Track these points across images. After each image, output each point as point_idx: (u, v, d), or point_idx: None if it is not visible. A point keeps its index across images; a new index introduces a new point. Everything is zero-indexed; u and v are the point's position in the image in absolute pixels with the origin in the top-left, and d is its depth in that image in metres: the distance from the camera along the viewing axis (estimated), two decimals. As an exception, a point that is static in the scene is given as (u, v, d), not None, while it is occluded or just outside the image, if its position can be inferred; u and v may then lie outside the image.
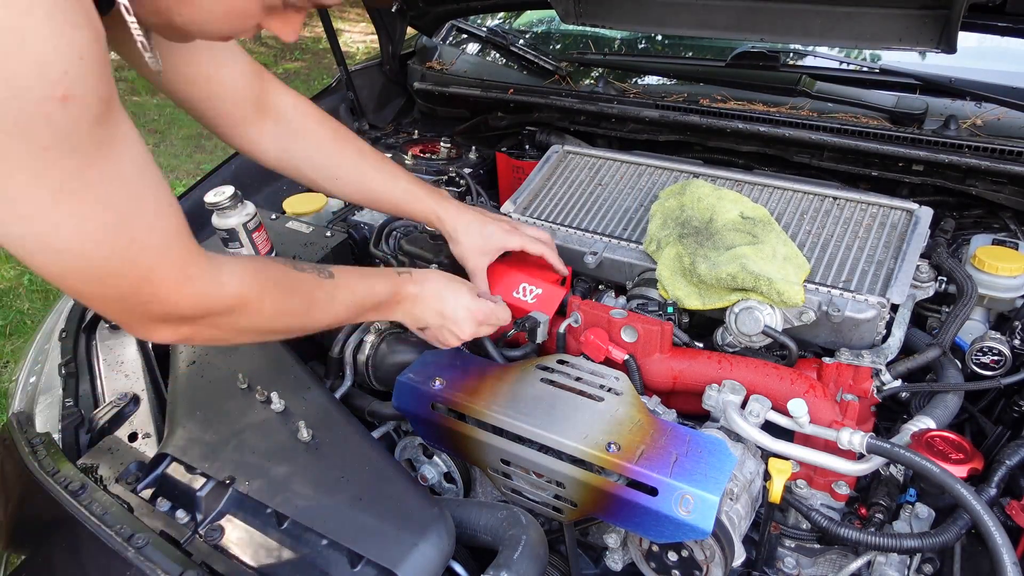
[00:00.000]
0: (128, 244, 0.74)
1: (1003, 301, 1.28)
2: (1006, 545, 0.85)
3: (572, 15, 1.76)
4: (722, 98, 1.76)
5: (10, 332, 3.36)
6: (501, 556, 0.96)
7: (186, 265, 0.81)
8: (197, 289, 0.83)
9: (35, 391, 1.41)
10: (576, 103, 1.81)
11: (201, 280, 0.84)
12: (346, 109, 2.15)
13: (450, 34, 2.35)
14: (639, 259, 1.37)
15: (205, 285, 0.84)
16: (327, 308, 1.03)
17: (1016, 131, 1.49)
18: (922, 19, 1.40)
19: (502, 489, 1.11)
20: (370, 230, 1.66)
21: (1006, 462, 1.01)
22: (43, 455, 1.16)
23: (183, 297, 0.82)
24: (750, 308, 1.18)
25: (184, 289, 0.81)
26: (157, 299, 0.80)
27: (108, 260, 0.73)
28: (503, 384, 1.12)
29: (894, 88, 1.70)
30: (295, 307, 0.98)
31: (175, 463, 1.10)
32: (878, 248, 1.28)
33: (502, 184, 1.96)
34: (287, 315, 0.97)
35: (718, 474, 0.95)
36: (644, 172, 1.58)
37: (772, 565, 1.15)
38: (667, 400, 1.18)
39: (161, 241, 0.77)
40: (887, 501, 1.05)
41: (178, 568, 0.93)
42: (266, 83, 1.22)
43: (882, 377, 1.13)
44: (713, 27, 1.64)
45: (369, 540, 0.95)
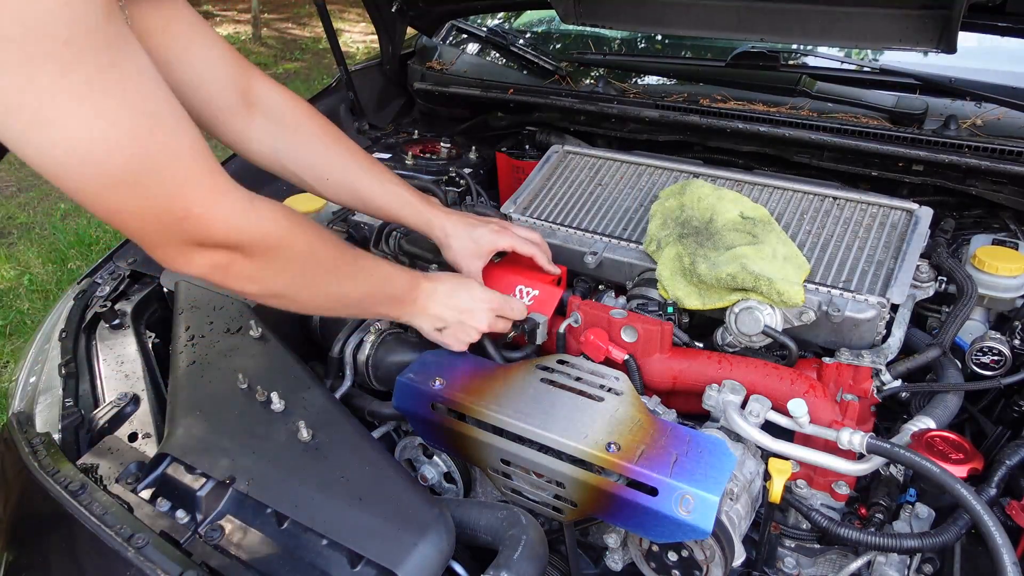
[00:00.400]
0: (159, 149, 0.74)
1: (1003, 301, 1.28)
2: (1006, 545, 0.85)
3: (572, 15, 1.76)
4: (722, 98, 1.76)
5: (10, 332, 3.36)
6: (501, 556, 0.96)
7: (217, 180, 0.81)
8: (232, 207, 0.83)
9: (35, 391, 1.41)
10: (576, 103, 1.81)
11: (235, 198, 0.83)
12: (346, 109, 2.14)
13: (450, 34, 2.35)
14: (639, 259, 1.37)
15: (239, 205, 0.84)
16: (348, 277, 1.04)
17: (1016, 131, 1.49)
18: (922, 19, 1.40)
19: (502, 489, 1.11)
20: (370, 230, 1.66)
21: (1006, 462, 1.01)
22: (43, 455, 1.16)
23: (218, 214, 0.81)
24: (750, 308, 1.18)
25: (218, 205, 0.81)
26: (191, 214, 0.79)
27: (140, 164, 0.72)
28: (503, 384, 1.12)
29: (894, 88, 1.70)
30: (323, 261, 0.98)
31: (175, 463, 1.10)
32: (878, 248, 1.28)
33: (502, 184, 1.96)
34: (314, 267, 0.97)
35: (718, 474, 0.95)
36: (644, 172, 1.58)
37: (772, 565, 1.15)
38: (667, 400, 1.18)
39: (190, 149, 0.78)
40: (887, 501, 1.05)
41: (178, 568, 0.93)
42: (252, 75, 1.20)
43: (882, 377, 1.13)
44: (713, 27, 1.64)
45: (369, 540, 0.95)
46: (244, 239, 0.85)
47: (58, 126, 0.66)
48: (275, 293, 0.97)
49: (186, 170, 0.77)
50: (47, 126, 0.66)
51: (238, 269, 0.88)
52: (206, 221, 0.80)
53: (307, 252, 0.95)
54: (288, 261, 0.92)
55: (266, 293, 0.96)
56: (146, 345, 1.44)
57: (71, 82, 0.65)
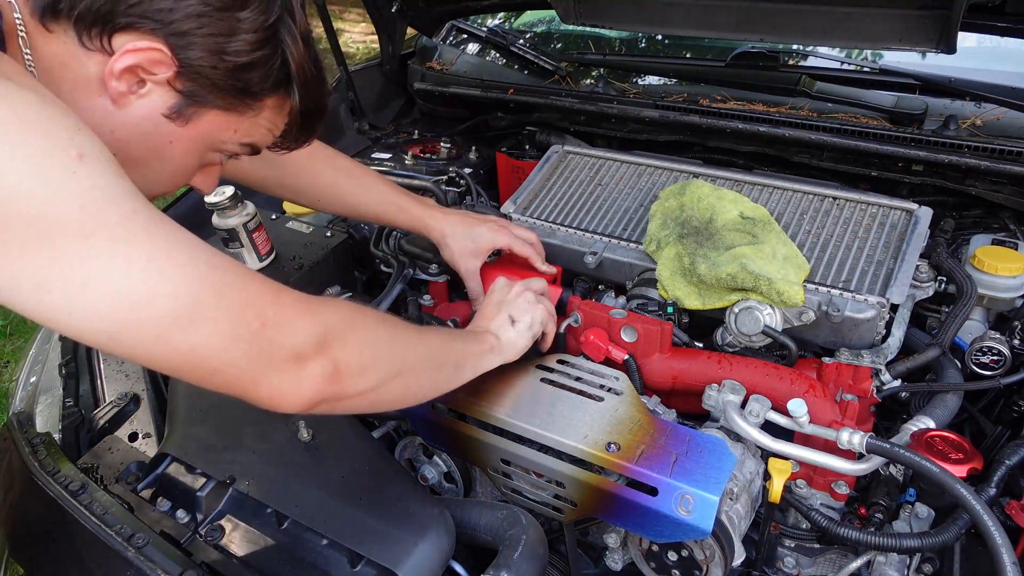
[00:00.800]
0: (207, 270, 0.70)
1: (1003, 301, 1.28)
2: (1006, 545, 0.85)
3: (572, 15, 1.76)
4: (722, 98, 1.76)
5: (10, 332, 3.36)
6: (501, 556, 0.96)
7: (271, 283, 0.78)
8: (296, 297, 0.79)
9: (35, 391, 1.41)
10: (576, 103, 1.81)
11: (294, 292, 0.80)
12: (346, 109, 2.14)
13: (450, 34, 2.35)
14: (639, 259, 1.37)
15: (302, 296, 0.80)
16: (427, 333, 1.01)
17: (1016, 131, 1.49)
18: (922, 19, 1.40)
19: (502, 489, 1.11)
20: (370, 230, 1.66)
21: (1006, 462, 1.01)
22: (43, 455, 1.16)
23: (290, 306, 0.77)
24: (750, 308, 1.18)
25: (283, 299, 0.77)
26: (266, 319, 0.74)
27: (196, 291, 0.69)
28: (503, 384, 1.12)
29: (894, 88, 1.70)
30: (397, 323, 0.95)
31: (175, 463, 1.10)
32: (878, 248, 1.28)
33: (502, 184, 1.96)
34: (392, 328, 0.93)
35: (718, 474, 0.95)
36: (644, 172, 1.58)
37: (772, 565, 1.15)
38: (667, 400, 1.18)
39: (233, 263, 0.75)
40: (887, 501, 1.05)
41: (178, 568, 0.93)
42: None
43: (882, 377, 1.13)
44: (713, 27, 1.64)
45: (369, 540, 0.95)
46: (328, 322, 0.81)
47: (97, 283, 0.63)
48: (392, 371, 0.89)
49: (241, 279, 0.74)
50: (85, 288, 0.63)
51: (345, 362, 0.81)
52: (284, 317, 0.76)
53: (380, 317, 0.93)
54: (373, 331, 0.88)
55: (386, 375, 0.88)
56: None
57: (97, 240, 0.63)
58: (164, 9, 0.75)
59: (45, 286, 0.62)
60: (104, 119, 0.78)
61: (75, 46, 0.75)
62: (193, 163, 0.89)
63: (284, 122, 0.91)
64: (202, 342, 0.70)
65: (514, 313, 1.15)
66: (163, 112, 0.80)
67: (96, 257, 0.63)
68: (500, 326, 1.13)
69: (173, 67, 0.77)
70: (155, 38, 0.75)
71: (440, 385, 1.00)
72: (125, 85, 0.77)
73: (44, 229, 0.61)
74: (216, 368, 0.72)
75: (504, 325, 1.14)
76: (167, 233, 0.68)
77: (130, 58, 0.75)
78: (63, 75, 0.77)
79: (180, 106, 0.80)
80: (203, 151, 0.88)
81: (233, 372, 0.73)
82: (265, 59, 0.82)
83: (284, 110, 0.89)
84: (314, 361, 0.78)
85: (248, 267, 0.76)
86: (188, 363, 0.71)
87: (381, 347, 0.89)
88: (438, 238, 1.34)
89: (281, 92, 0.86)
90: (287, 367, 0.76)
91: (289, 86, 0.86)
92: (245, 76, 0.81)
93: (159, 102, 0.80)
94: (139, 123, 0.80)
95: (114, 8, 0.74)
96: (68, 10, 0.74)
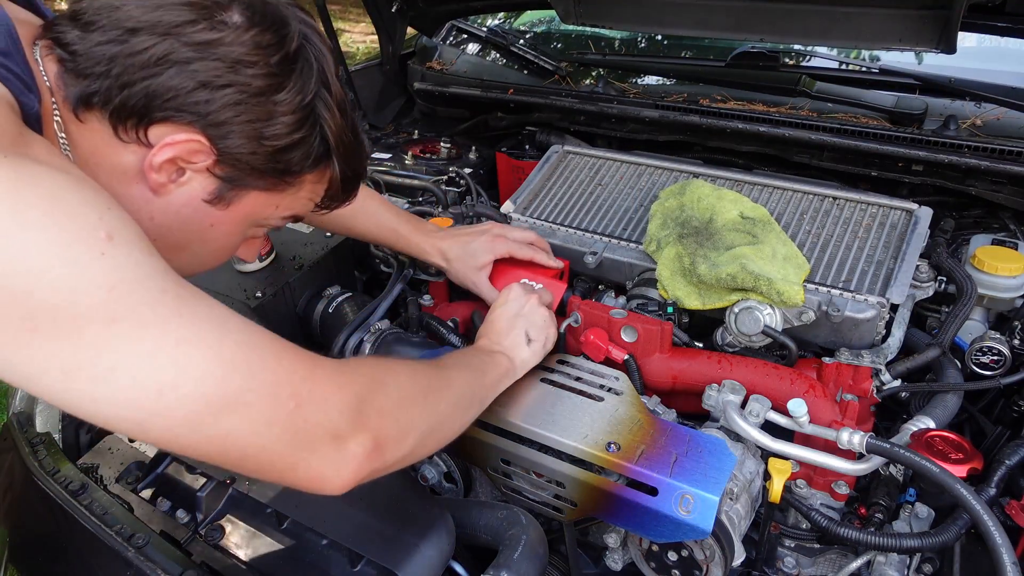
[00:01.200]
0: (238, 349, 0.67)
1: (1003, 301, 1.28)
2: (1006, 545, 0.85)
3: (572, 15, 1.76)
4: (722, 98, 1.76)
5: (10, 332, 3.36)
6: (501, 556, 0.96)
7: (303, 354, 0.74)
8: (330, 367, 0.76)
9: (35, 391, 1.41)
10: (576, 103, 1.81)
11: (327, 361, 0.76)
12: (346, 109, 2.14)
13: (450, 34, 2.35)
14: (639, 259, 1.37)
15: (335, 363, 0.77)
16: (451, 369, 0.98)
17: (1016, 131, 1.49)
18: (922, 19, 1.40)
19: (502, 489, 1.11)
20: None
21: (1006, 462, 1.01)
22: (43, 455, 1.16)
23: (325, 380, 0.74)
24: (750, 308, 1.18)
25: (318, 372, 0.73)
26: (301, 398, 0.70)
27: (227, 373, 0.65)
28: (503, 384, 1.12)
29: (894, 88, 1.70)
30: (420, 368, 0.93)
31: (175, 463, 1.10)
32: (878, 248, 1.28)
33: (502, 184, 1.96)
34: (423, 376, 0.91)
35: (718, 474, 0.95)
36: (644, 172, 1.58)
37: (772, 565, 1.15)
38: (667, 400, 1.18)
39: (266, 336, 0.71)
40: (887, 501, 1.05)
41: (178, 568, 0.93)
42: None
43: (882, 377, 1.13)
44: (713, 27, 1.64)
45: (369, 540, 0.95)
46: (362, 392, 0.77)
47: (123, 370, 0.61)
48: (429, 429, 0.87)
49: (274, 357, 0.70)
50: (111, 375, 0.60)
51: (384, 434, 0.78)
52: (320, 395, 0.72)
53: (410, 373, 0.90)
54: (406, 392, 0.85)
55: (424, 434, 0.86)
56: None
57: (123, 326, 0.61)
58: (201, 101, 0.73)
59: (71, 374, 0.60)
60: (143, 206, 0.78)
61: (110, 137, 0.74)
62: (236, 242, 0.88)
63: (324, 190, 0.90)
64: (235, 427, 0.66)
65: (531, 331, 1.14)
66: (204, 198, 0.79)
67: (122, 343, 0.61)
68: (515, 345, 1.11)
69: (212, 156, 0.76)
70: (193, 129, 0.74)
71: (467, 423, 0.99)
72: (165, 176, 0.76)
73: (70, 316, 0.59)
74: (250, 454, 0.69)
75: (519, 344, 1.11)
76: (196, 312, 0.66)
77: (169, 151, 0.74)
78: (99, 162, 0.76)
79: (221, 191, 0.80)
80: (245, 229, 0.87)
81: (269, 457, 0.70)
82: (304, 139, 0.80)
83: (324, 180, 0.88)
84: (353, 440, 0.74)
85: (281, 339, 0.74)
86: (222, 450, 0.67)
87: (416, 408, 0.86)
88: (439, 263, 1.38)
89: (321, 166, 0.85)
90: (326, 449, 0.72)
91: (329, 159, 0.85)
92: (285, 158, 0.80)
93: (199, 189, 0.79)
94: (179, 210, 0.79)
95: (150, 103, 0.72)
96: (102, 104, 0.73)
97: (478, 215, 1.61)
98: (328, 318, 1.45)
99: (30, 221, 0.58)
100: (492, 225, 1.40)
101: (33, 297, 0.57)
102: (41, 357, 0.59)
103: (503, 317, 1.15)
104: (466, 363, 1.03)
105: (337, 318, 1.44)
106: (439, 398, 0.91)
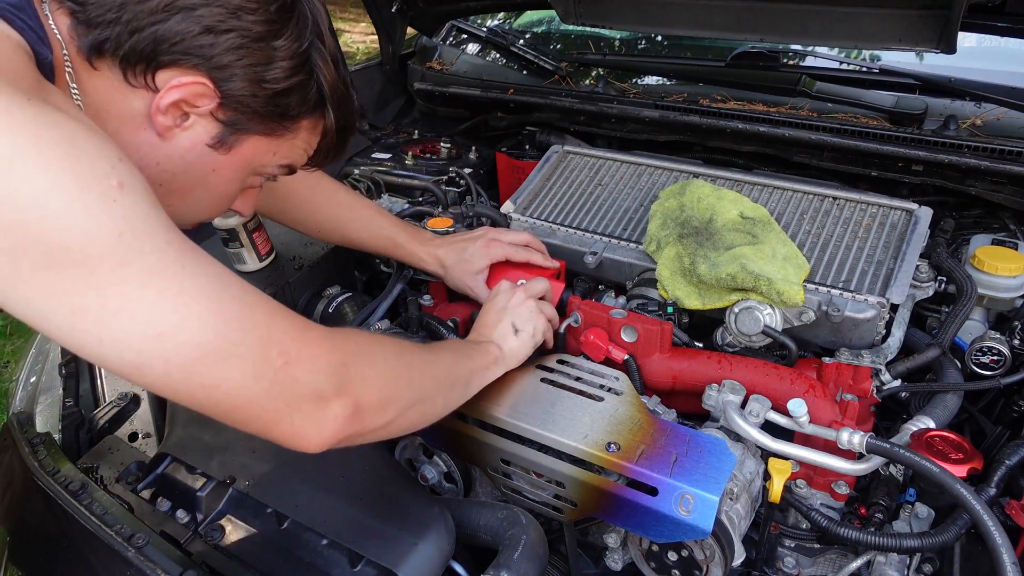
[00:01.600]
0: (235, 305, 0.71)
1: (1003, 301, 1.28)
2: (1006, 545, 0.85)
3: (572, 15, 1.76)
4: (722, 98, 1.76)
5: (10, 332, 3.36)
6: (501, 556, 0.96)
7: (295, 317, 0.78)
8: (319, 332, 0.79)
9: (35, 391, 1.41)
10: (576, 103, 1.81)
11: (318, 327, 0.80)
12: (346, 109, 2.14)
13: (450, 34, 2.35)
14: (639, 259, 1.37)
15: (324, 330, 0.81)
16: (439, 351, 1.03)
17: (1016, 131, 1.49)
18: (922, 19, 1.40)
19: (502, 489, 1.11)
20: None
21: (1006, 462, 1.01)
22: (43, 455, 1.16)
23: (314, 342, 0.77)
24: (750, 308, 1.18)
25: (309, 334, 0.77)
26: (289, 355, 0.74)
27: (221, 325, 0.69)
28: (503, 384, 1.12)
29: (894, 88, 1.70)
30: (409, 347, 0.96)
31: (175, 463, 1.10)
32: (878, 248, 1.28)
33: (502, 184, 1.96)
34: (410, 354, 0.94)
35: (718, 474, 0.95)
36: (644, 172, 1.58)
37: (772, 565, 1.15)
38: (667, 400, 1.18)
39: (261, 297, 0.75)
40: (887, 501, 1.05)
41: (178, 568, 0.93)
42: None
43: (882, 377, 1.13)
44: (713, 27, 1.64)
45: (369, 540, 0.95)
46: (348, 358, 0.81)
47: (129, 313, 0.64)
48: (410, 402, 0.90)
49: (269, 315, 0.74)
50: (117, 317, 0.64)
51: (366, 399, 0.81)
52: (308, 355, 0.76)
53: (397, 348, 0.93)
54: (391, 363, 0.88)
55: (405, 406, 0.89)
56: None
57: (132, 270, 0.64)
58: (205, 45, 0.77)
59: (79, 313, 0.63)
60: (150, 151, 0.82)
61: (120, 83, 0.78)
62: (236, 188, 0.93)
63: (318, 141, 0.95)
64: (226, 378, 0.70)
65: (517, 322, 1.17)
66: (207, 142, 0.84)
67: (128, 288, 0.64)
68: (503, 336, 1.14)
69: (216, 99, 0.80)
70: (198, 73, 0.78)
71: (451, 404, 1.02)
72: (171, 119, 0.80)
73: (83, 257, 0.62)
74: (238, 405, 0.72)
75: (507, 335, 1.15)
76: (198, 266, 0.69)
77: (175, 93, 0.78)
78: (109, 110, 0.79)
79: (223, 135, 0.84)
80: (245, 176, 0.92)
81: (255, 410, 0.73)
82: (301, 84, 0.86)
83: (319, 130, 0.93)
84: (335, 401, 0.78)
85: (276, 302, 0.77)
86: (212, 399, 0.71)
87: (400, 380, 0.89)
88: (436, 270, 1.40)
89: (316, 114, 0.90)
90: (308, 407, 0.76)
91: (324, 107, 0.90)
92: (284, 101, 0.85)
93: (203, 133, 0.83)
94: (184, 154, 0.83)
95: (158, 47, 0.76)
96: (113, 50, 0.76)
97: (478, 215, 1.61)
98: (328, 318, 1.45)
99: (51, 162, 0.61)
100: (486, 230, 1.42)
101: (50, 235, 0.60)
102: (53, 295, 0.62)
103: (490, 312, 1.19)
104: (453, 348, 1.08)
105: (337, 318, 1.45)
106: (423, 373, 0.95)
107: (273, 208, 1.34)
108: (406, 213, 1.65)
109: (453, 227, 1.53)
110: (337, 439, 0.79)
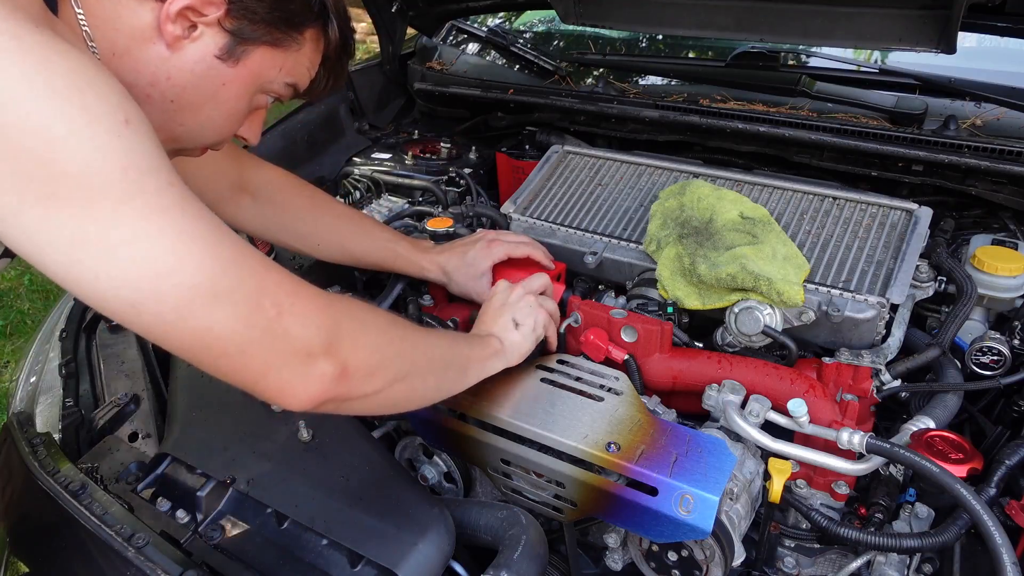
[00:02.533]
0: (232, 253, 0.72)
1: (1003, 301, 1.28)
2: (1006, 545, 0.85)
3: (572, 15, 1.76)
4: (722, 98, 1.76)
5: (10, 332, 3.36)
6: (501, 556, 0.96)
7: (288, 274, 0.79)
8: (313, 289, 0.80)
9: (35, 391, 1.41)
10: (576, 103, 1.81)
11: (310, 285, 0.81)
12: (346, 109, 2.14)
13: (450, 34, 2.35)
14: (639, 259, 1.37)
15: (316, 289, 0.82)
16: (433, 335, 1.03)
17: (1016, 131, 1.49)
18: (922, 19, 1.40)
19: (502, 489, 1.11)
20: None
21: (1006, 462, 1.01)
22: (43, 455, 1.16)
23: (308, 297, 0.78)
24: (750, 308, 1.18)
25: (302, 290, 0.78)
26: (282, 308, 0.74)
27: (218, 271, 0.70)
28: (503, 384, 1.12)
29: (894, 88, 1.70)
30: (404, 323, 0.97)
31: (175, 463, 1.10)
32: (878, 248, 1.28)
33: (502, 184, 1.96)
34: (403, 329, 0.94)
35: (718, 474, 0.95)
36: (644, 172, 1.58)
37: (772, 565, 1.15)
38: (667, 400, 1.18)
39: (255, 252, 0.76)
40: (887, 501, 1.05)
41: (178, 568, 0.93)
42: (242, 164, 1.28)
43: (882, 377, 1.13)
44: (713, 27, 1.64)
45: (369, 540, 0.95)
46: (340, 320, 0.81)
47: (128, 248, 0.64)
48: (400, 374, 0.90)
49: (264, 266, 0.75)
50: (116, 252, 0.64)
51: (354, 363, 0.81)
52: (300, 309, 0.76)
53: (391, 319, 0.95)
54: (383, 332, 0.89)
55: (393, 378, 0.89)
56: (146, 345, 1.44)
57: (133, 206, 0.65)
58: None
59: (79, 245, 0.63)
60: (161, 66, 0.82)
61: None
62: (244, 106, 0.93)
63: (319, 60, 0.97)
64: (218, 322, 0.70)
65: (517, 316, 1.16)
66: (215, 54, 0.85)
67: (129, 223, 0.64)
68: (503, 329, 1.14)
69: (223, 5, 0.82)
70: None
71: (444, 389, 1.01)
72: (180, 28, 0.81)
73: (86, 187, 0.62)
74: (227, 351, 0.72)
75: (507, 328, 1.14)
76: (197, 211, 0.70)
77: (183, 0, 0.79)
78: (118, 27, 0.80)
79: (231, 46, 0.85)
80: (253, 92, 0.92)
81: (243, 360, 0.73)
82: None
83: (320, 47, 0.96)
84: (323, 360, 0.78)
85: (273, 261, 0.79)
86: (202, 344, 0.71)
87: (390, 350, 0.89)
88: (439, 277, 1.39)
89: (319, 24, 0.93)
90: (296, 362, 0.76)
91: (327, 17, 0.93)
92: (288, 7, 0.88)
93: (211, 44, 0.84)
94: (193, 67, 0.84)
95: None
96: None
97: (478, 215, 1.61)
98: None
99: (59, 90, 0.62)
100: (484, 233, 1.42)
101: (55, 164, 0.61)
102: (54, 225, 0.62)
103: (489, 309, 1.19)
104: (452, 334, 1.09)
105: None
106: (415, 348, 0.95)
107: (272, 225, 1.34)
108: (406, 213, 1.66)
109: (453, 227, 1.53)
110: (322, 399, 0.79)
